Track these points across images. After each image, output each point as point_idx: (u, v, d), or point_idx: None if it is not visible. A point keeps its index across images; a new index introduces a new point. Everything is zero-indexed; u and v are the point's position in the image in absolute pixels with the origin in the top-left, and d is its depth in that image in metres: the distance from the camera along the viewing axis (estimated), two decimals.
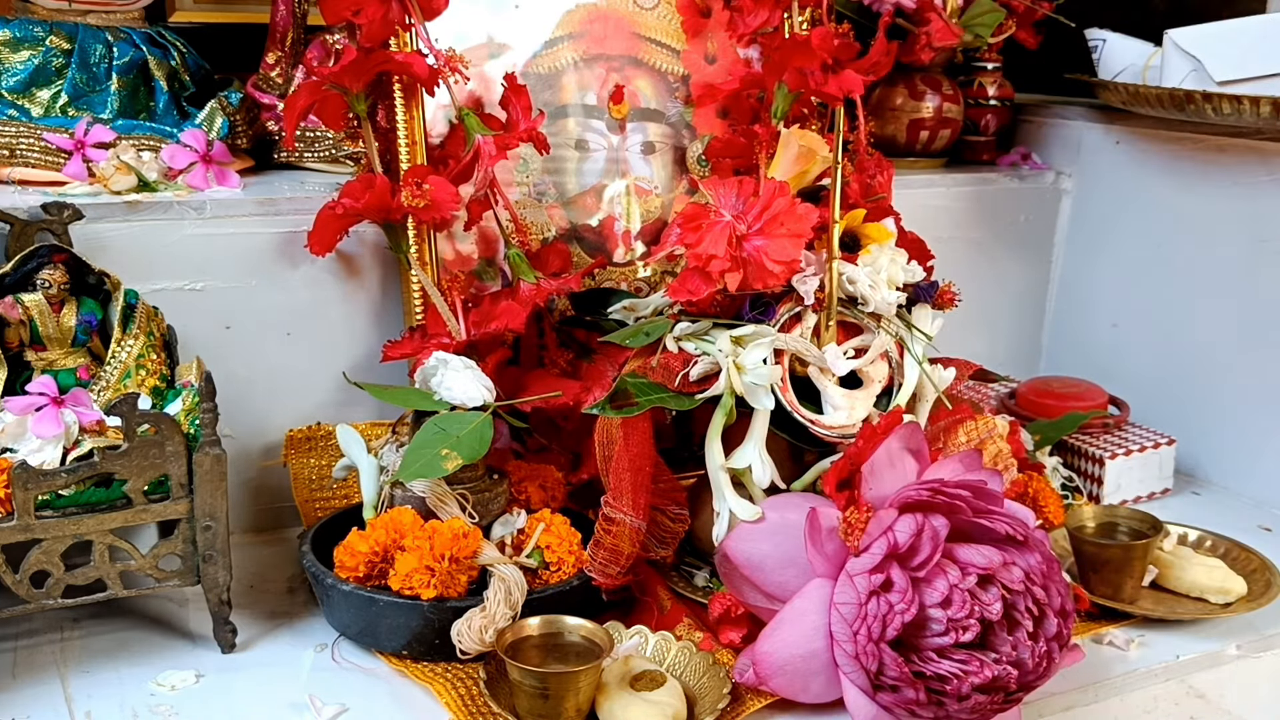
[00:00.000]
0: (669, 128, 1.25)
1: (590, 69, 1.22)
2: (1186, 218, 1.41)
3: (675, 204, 1.25)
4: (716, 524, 0.96)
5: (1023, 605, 0.83)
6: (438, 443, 0.95)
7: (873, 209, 1.08)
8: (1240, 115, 1.24)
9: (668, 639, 0.93)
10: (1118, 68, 1.45)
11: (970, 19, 1.45)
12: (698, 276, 0.97)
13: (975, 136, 1.57)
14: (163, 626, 0.99)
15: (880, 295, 1.01)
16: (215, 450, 0.90)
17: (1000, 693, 0.82)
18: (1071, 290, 1.56)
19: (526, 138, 1.08)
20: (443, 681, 0.90)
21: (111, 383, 0.95)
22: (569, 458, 1.13)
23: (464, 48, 1.13)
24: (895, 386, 1.03)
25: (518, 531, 1.00)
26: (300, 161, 1.25)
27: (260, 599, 1.04)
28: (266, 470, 1.16)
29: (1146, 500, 1.30)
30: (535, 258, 1.14)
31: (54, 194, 1.06)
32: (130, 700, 0.88)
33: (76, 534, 0.88)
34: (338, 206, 1.05)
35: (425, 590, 0.91)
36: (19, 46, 1.13)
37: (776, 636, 0.87)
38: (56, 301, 0.98)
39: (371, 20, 1.04)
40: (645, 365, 0.99)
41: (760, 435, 0.97)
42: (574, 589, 0.97)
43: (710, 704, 0.87)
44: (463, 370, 0.99)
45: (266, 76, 1.24)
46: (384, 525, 0.94)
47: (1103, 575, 1.05)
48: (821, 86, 1.08)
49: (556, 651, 0.89)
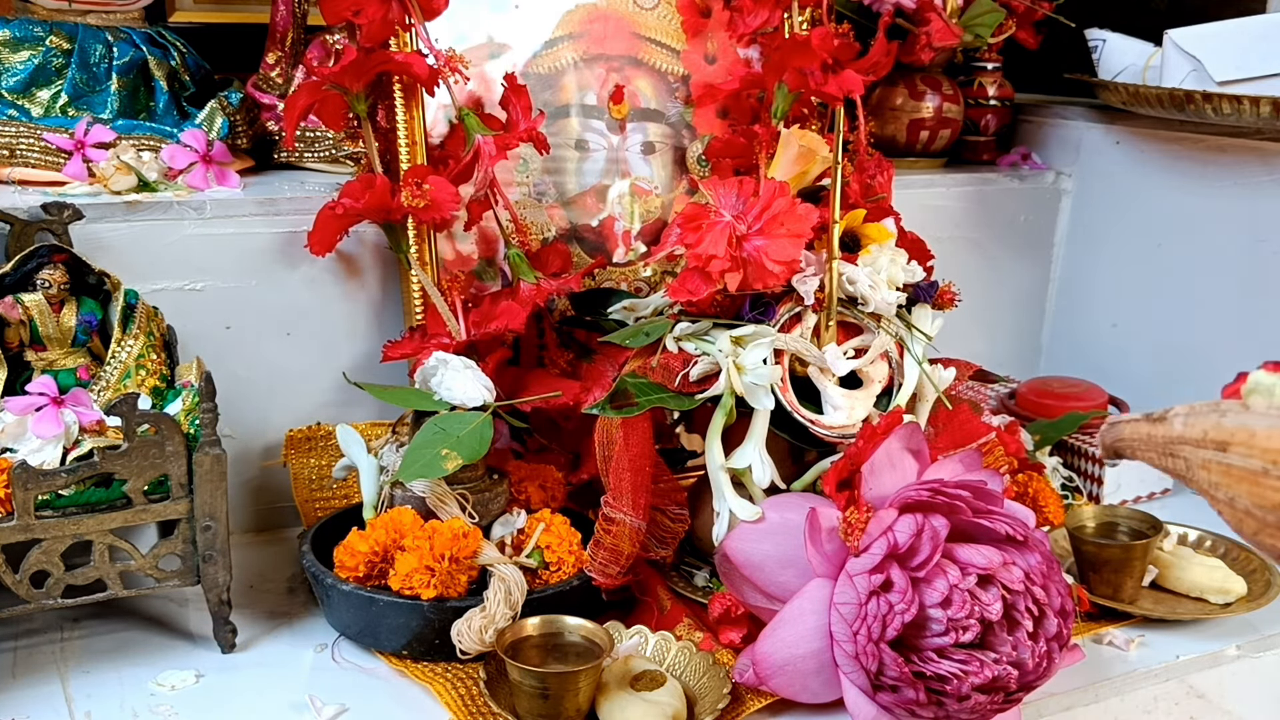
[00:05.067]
0: (669, 128, 1.25)
1: (590, 69, 1.22)
2: (1186, 218, 1.41)
3: (675, 204, 1.25)
4: (716, 524, 0.96)
5: (1023, 605, 0.83)
6: (438, 443, 0.95)
7: (873, 209, 1.08)
8: (1240, 115, 1.24)
9: (668, 639, 0.93)
10: (1118, 68, 1.45)
11: (970, 19, 1.45)
12: (698, 276, 0.97)
13: (975, 136, 1.57)
14: (163, 626, 0.99)
15: (880, 295, 1.01)
16: (215, 450, 0.90)
17: (1000, 693, 0.82)
18: (1071, 290, 1.56)
19: (526, 138, 1.08)
20: (443, 681, 0.90)
21: (111, 383, 0.95)
22: (569, 458, 1.13)
23: (464, 48, 1.13)
24: (895, 386, 1.03)
25: (518, 531, 1.00)
26: (300, 161, 1.25)
27: (260, 599, 1.04)
28: (266, 470, 1.16)
29: (1146, 500, 1.30)
30: (535, 258, 1.14)
31: (54, 194, 1.06)
32: (130, 700, 0.88)
33: (76, 534, 0.88)
34: (338, 206, 1.05)
35: (425, 590, 0.91)
36: (19, 46, 1.13)
37: (776, 636, 0.87)
38: (56, 301, 0.98)
39: (371, 20, 1.04)
40: (645, 365, 0.99)
41: (760, 435, 0.97)
42: (574, 589, 0.97)
43: (710, 704, 0.87)
44: (463, 370, 0.99)
45: (266, 76, 1.24)
46: (384, 525, 0.94)
47: (1103, 575, 1.05)
48: (821, 86, 1.08)
49: (556, 651, 0.89)
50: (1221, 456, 0.44)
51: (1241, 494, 0.43)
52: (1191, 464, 0.45)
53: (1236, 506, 0.44)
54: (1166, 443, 0.46)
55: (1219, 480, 0.44)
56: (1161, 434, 0.46)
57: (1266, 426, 0.43)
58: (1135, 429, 0.47)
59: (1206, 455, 0.44)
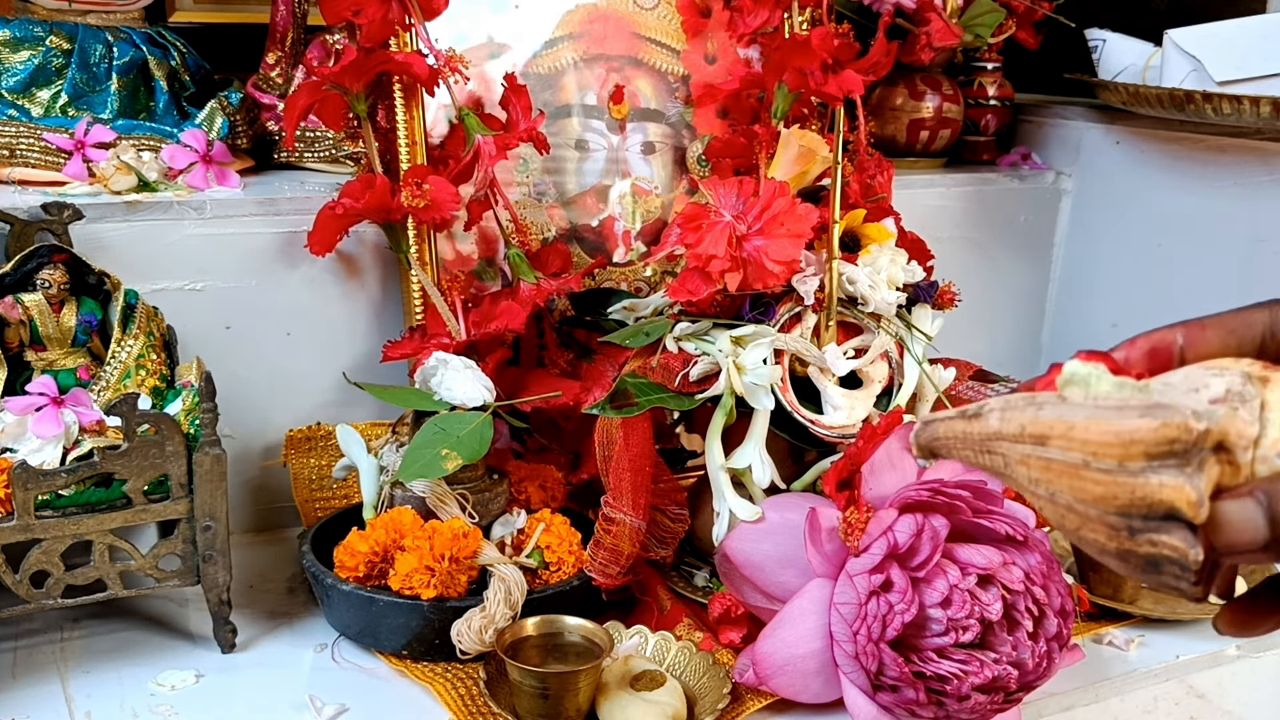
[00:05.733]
0: (669, 128, 1.25)
1: (590, 69, 1.22)
2: (1186, 218, 1.41)
3: (675, 204, 1.25)
4: (716, 524, 0.96)
5: (1023, 605, 0.83)
6: (438, 443, 0.95)
7: (873, 209, 1.08)
8: (1240, 115, 1.24)
9: (668, 639, 0.93)
10: (1118, 68, 1.45)
11: (970, 19, 1.45)
12: (698, 276, 0.97)
13: (975, 136, 1.57)
14: (163, 626, 0.99)
15: (880, 295, 1.01)
16: (215, 450, 0.90)
17: (1000, 693, 0.82)
18: (1071, 290, 1.56)
19: (526, 138, 1.08)
20: (443, 681, 0.90)
21: (111, 383, 0.95)
22: (569, 458, 1.13)
23: (464, 48, 1.13)
24: (895, 386, 1.03)
25: (518, 531, 1.00)
26: (300, 161, 1.25)
27: (260, 599, 1.04)
28: (266, 470, 1.16)
29: None
30: (535, 258, 1.14)
31: (54, 194, 1.06)
32: (130, 700, 0.88)
33: (76, 534, 0.88)
34: (338, 206, 1.05)
35: (425, 590, 0.91)
36: (19, 46, 1.13)
37: (776, 636, 0.87)
38: (56, 301, 0.98)
39: (371, 20, 1.04)
40: (645, 365, 0.99)
41: (760, 435, 0.97)
42: (574, 589, 0.97)
43: (710, 704, 0.87)
44: (463, 370, 0.99)
45: (266, 76, 1.24)
46: (384, 525, 0.94)
47: (1103, 575, 1.05)
48: (821, 86, 1.08)
49: (556, 651, 0.89)
50: (1040, 451, 0.42)
51: (1062, 489, 0.42)
52: (1009, 460, 0.43)
53: (1058, 502, 0.43)
54: (983, 439, 0.44)
55: (1038, 476, 0.43)
56: (978, 430, 0.44)
57: (1085, 418, 0.41)
58: (950, 427, 0.45)
59: (1025, 450, 0.43)
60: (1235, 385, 0.42)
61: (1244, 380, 0.42)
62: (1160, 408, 0.41)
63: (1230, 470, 0.41)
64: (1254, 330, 0.47)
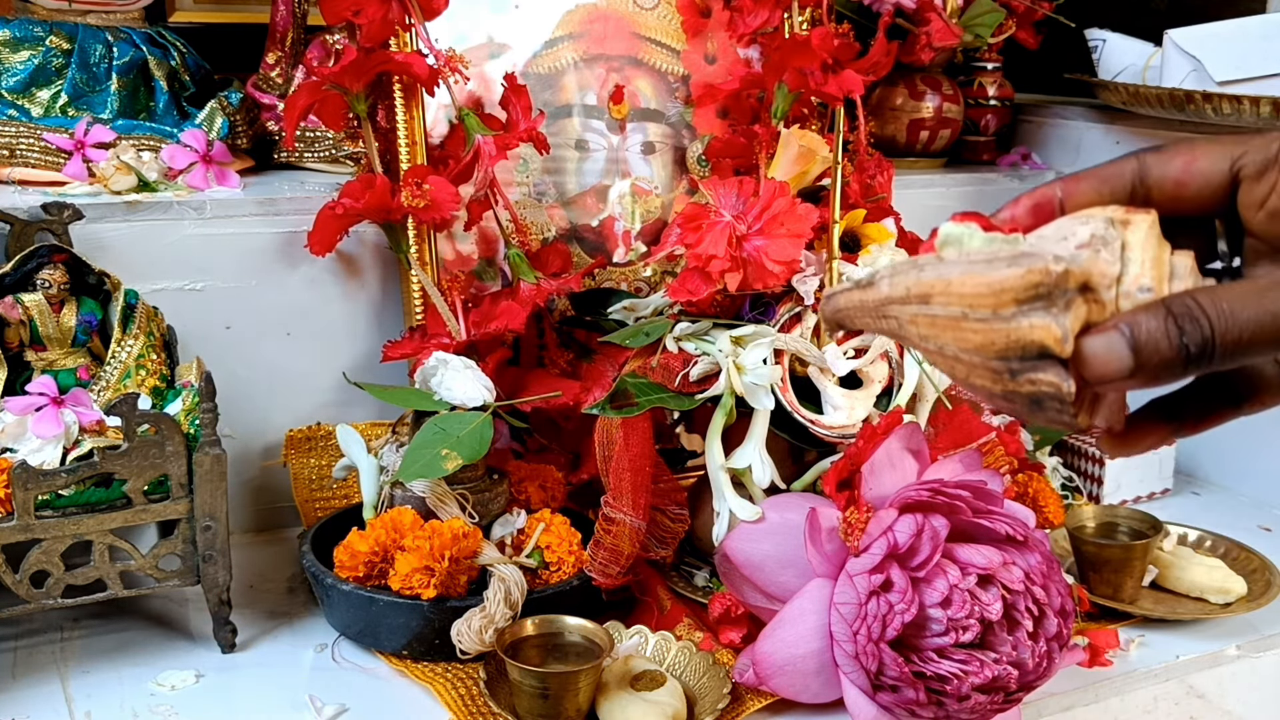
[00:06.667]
0: (669, 128, 1.25)
1: (590, 69, 1.22)
2: None
3: (675, 204, 1.25)
4: (716, 524, 0.96)
5: (1023, 605, 0.83)
6: (438, 443, 0.95)
7: (873, 209, 1.08)
8: (1240, 115, 1.24)
9: (668, 639, 0.93)
10: (1118, 68, 1.45)
11: (970, 19, 1.45)
12: (698, 276, 0.97)
13: (975, 136, 1.57)
14: (163, 626, 0.99)
15: None
16: (215, 450, 0.90)
17: (1000, 693, 0.82)
18: None
19: (526, 138, 1.08)
20: (443, 681, 0.90)
21: (111, 383, 0.95)
22: (569, 458, 1.13)
23: (464, 48, 1.13)
24: (895, 386, 1.03)
25: (518, 531, 1.00)
26: (300, 161, 1.25)
27: (260, 599, 1.04)
28: (266, 470, 1.16)
29: (1146, 500, 1.30)
30: (535, 258, 1.14)
31: (54, 194, 1.06)
32: (130, 700, 0.88)
33: (76, 534, 0.88)
34: (338, 206, 1.05)
35: (425, 590, 0.91)
36: (19, 46, 1.13)
37: (776, 636, 0.87)
38: (56, 301, 0.98)
39: (371, 20, 1.04)
40: (645, 365, 0.99)
41: (760, 435, 0.97)
42: (574, 589, 0.97)
43: (710, 704, 0.87)
44: (463, 370, 0.99)
45: (266, 76, 1.24)
46: (384, 525, 0.94)
47: (1103, 575, 1.05)
48: (821, 86, 1.08)
49: (556, 651, 0.89)
50: (925, 309, 0.45)
51: (948, 341, 0.45)
52: (902, 321, 0.46)
53: (946, 354, 0.46)
54: (877, 305, 0.47)
55: (926, 332, 0.46)
56: (872, 298, 0.47)
57: (960, 273, 0.44)
58: (849, 298, 0.48)
59: (913, 310, 0.46)
60: (1099, 230, 0.44)
61: (1107, 225, 0.45)
62: (1025, 256, 0.43)
63: (1098, 308, 0.44)
64: (1124, 179, 0.52)
